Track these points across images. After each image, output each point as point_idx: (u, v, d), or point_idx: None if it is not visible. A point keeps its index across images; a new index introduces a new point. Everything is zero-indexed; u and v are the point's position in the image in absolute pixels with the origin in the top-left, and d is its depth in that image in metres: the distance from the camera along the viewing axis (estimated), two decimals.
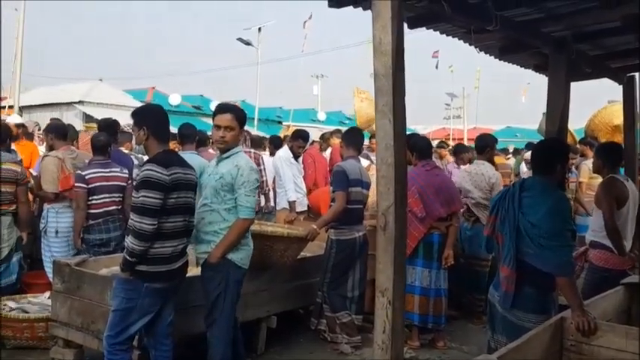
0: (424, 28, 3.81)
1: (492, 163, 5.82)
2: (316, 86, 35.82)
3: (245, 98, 25.34)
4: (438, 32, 4.10)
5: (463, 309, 5.54)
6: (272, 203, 6.53)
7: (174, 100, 23.11)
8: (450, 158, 8.76)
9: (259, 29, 21.79)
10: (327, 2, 3.24)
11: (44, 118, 15.51)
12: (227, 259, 3.45)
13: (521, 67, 5.22)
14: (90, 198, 4.67)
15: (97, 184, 4.71)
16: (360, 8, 3.29)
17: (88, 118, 18.73)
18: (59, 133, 5.12)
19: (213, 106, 24.03)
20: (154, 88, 26.05)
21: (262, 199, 6.15)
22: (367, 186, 4.84)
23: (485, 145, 5.70)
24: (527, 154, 6.57)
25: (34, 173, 5.16)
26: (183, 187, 3.26)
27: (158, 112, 3.47)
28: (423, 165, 4.79)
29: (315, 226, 4.48)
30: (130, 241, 3.12)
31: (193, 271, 3.71)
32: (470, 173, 5.51)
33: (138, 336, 3.42)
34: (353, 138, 4.94)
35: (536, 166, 3.25)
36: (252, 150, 6.41)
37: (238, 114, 3.59)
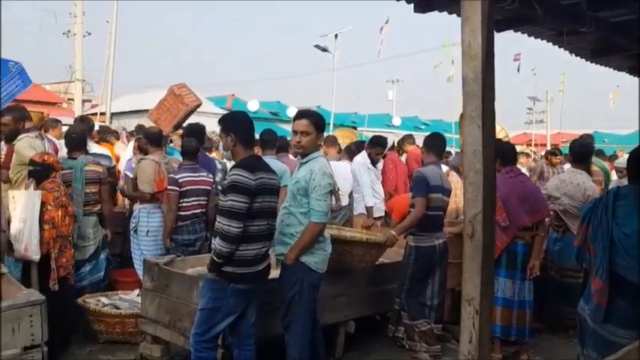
0: (511, 31, 3.71)
1: (589, 172, 5.45)
2: (391, 91, 35.61)
3: (320, 104, 25.57)
4: (523, 34, 3.98)
5: (548, 321, 5.30)
6: (342, 203, 6.49)
7: (253, 106, 23.68)
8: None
9: (336, 36, 21.89)
10: (411, 8, 3.22)
11: (131, 124, 16.36)
12: (301, 262, 3.50)
13: (614, 69, 4.96)
14: (181, 200, 4.89)
15: (188, 187, 4.94)
16: (444, 12, 3.25)
17: None
18: (153, 139, 5.42)
19: (289, 112, 24.67)
20: (233, 95, 26.86)
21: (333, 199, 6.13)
22: (448, 192, 4.75)
23: (586, 153, 5.35)
24: (619, 161, 6.18)
25: (130, 175, 5.45)
26: (267, 191, 3.34)
27: (244, 119, 3.58)
28: (507, 171, 4.63)
29: (394, 232, 4.44)
30: (217, 243, 3.21)
31: (274, 273, 3.79)
32: (564, 181, 5.18)
33: (222, 335, 3.52)
34: (434, 143, 4.87)
35: (632, 174, 3.07)
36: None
37: (315, 119, 3.62)
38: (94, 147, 5.79)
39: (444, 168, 5.35)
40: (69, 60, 20.18)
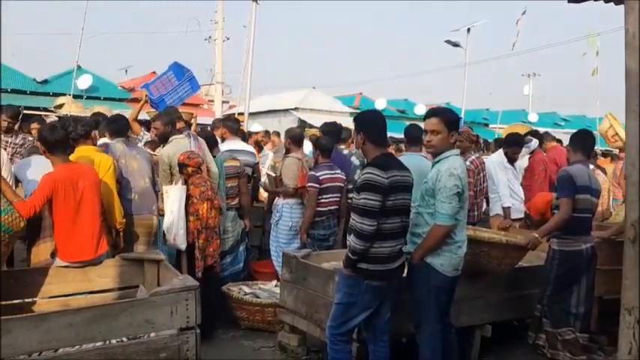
0: None
1: None
2: (527, 86, 33.70)
3: (450, 101, 24.94)
4: None
5: None
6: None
7: (380, 104, 23.73)
8: None
9: (468, 30, 21.20)
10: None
11: (266, 124, 17.16)
12: (427, 263, 3.44)
13: None
14: (319, 197, 5.07)
15: (327, 184, 5.13)
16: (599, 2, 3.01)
17: (302, 123, 20.18)
18: (295, 139, 5.66)
19: (417, 110, 24.38)
20: (361, 93, 27.11)
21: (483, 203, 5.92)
22: (597, 194, 4.41)
23: None
24: None
25: (273, 174, 5.74)
26: (400, 189, 3.33)
27: (374, 118, 3.58)
28: None
29: (536, 235, 4.21)
30: (351, 240, 3.26)
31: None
32: None
33: (358, 330, 3.58)
34: (582, 141, 4.53)
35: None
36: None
37: (445, 117, 3.53)
38: (238, 144, 6.13)
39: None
40: (209, 64, 21.61)
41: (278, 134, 10.28)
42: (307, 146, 6.59)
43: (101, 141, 5.06)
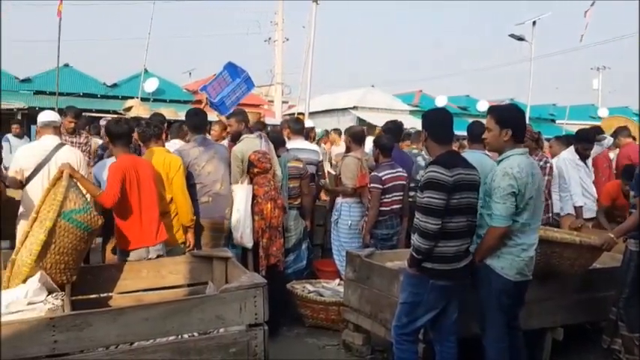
0: None
1: None
2: (596, 80, 32.25)
3: (514, 97, 24.22)
4: None
5: None
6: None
7: (440, 101, 23.32)
8: None
9: (534, 23, 20.51)
10: None
11: (324, 123, 17.25)
12: (487, 265, 3.35)
13: None
14: (382, 197, 5.04)
15: (390, 184, 5.09)
16: None
17: (361, 122, 20.13)
18: (356, 138, 5.66)
19: (479, 107, 23.82)
20: (420, 91, 26.76)
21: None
22: None
23: None
24: None
25: (333, 172, 5.76)
26: (466, 187, 3.26)
27: (437, 115, 3.54)
28: None
29: (612, 235, 4.02)
30: (415, 239, 3.22)
31: None
32: None
33: (424, 330, 3.54)
34: None
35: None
36: None
37: (497, 114, 3.42)
38: (301, 143, 6.19)
39: None
40: (269, 65, 21.95)
41: (340, 133, 10.29)
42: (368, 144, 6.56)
43: (172, 145, 5.23)
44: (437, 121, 3.45)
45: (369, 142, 6.60)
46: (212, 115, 6.75)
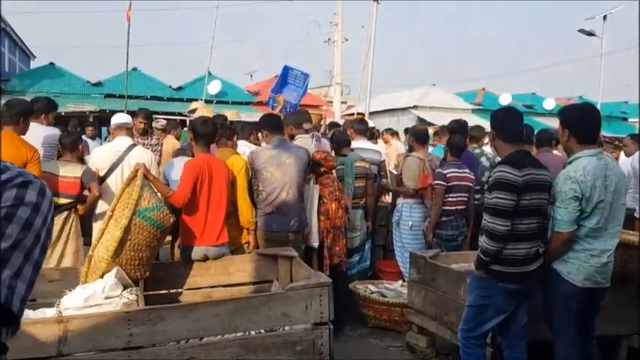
0: None
1: None
2: None
3: (583, 94, 23.25)
4: None
5: None
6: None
7: (505, 99, 22.72)
8: None
9: (604, 17, 19.64)
10: None
11: (384, 123, 17.14)
12: (554, 269, 3.23)
13: None
14: (446, 196, 4.97)
15: (454, 183, 5.02)
16: None
17: (421, 122, 19.89)
18: (419, 137, 5.60)
19: (546, 105, 23.01)
20: (483, 89, 26.14)
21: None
22: None
23: None
24: None
25: (395, 172, 5.73)
26: (537, 188, 3.16)
27: (506, 114, 3.47)
28: None
29: None
30: (483, 241, 3.15)
31: None
32: None
33: (492, 334, 3.46)
34: None
35: None
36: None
37: (559, 114, 3.38)
38: (365, 143, 6.18)
39: None
40: (328, 65, 22.04)
41: (392, 133, 10.20)
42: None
43: (242, 147, 5.31)
44: (506, 120, 3.38)
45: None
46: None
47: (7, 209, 0.88)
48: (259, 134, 5.21)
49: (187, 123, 9.00)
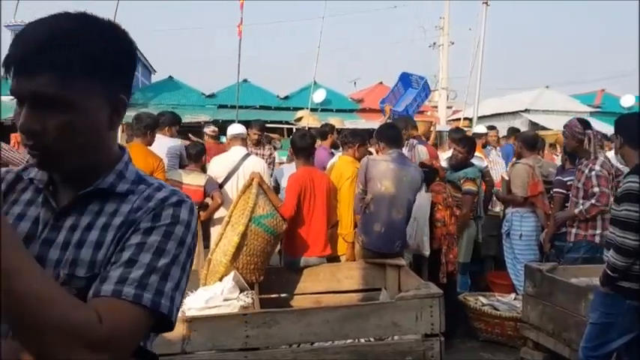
0: None
1: None
2: None
3: None
4: None
5: None
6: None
7: (627, 101, 21.05)
8: None
9: None
10: None
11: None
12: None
13: None
14: (566, 204, 4.70)
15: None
16: None
17: (533, 126, 18.96)
18: (528, 143, 5.37)
19: None
20: (603, 90, 24.42)
21: None
22: None
23: None
24: None
25: (507, 178, 5.52)
26: None
27: (632, 119, 3.29)
28: None
29: None
30: (610, 255, 2.96)
31: None
32: None
33: (616, 354, 3.23)
34: None
35: None
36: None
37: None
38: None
39: None
40: (433, 70, 21.65)
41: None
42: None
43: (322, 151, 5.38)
44: (635, 125, 3.15)
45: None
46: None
47: (167, 227, 0.99)
48: (373, 145, 5.26)
49: (294, 131, 9.29)
